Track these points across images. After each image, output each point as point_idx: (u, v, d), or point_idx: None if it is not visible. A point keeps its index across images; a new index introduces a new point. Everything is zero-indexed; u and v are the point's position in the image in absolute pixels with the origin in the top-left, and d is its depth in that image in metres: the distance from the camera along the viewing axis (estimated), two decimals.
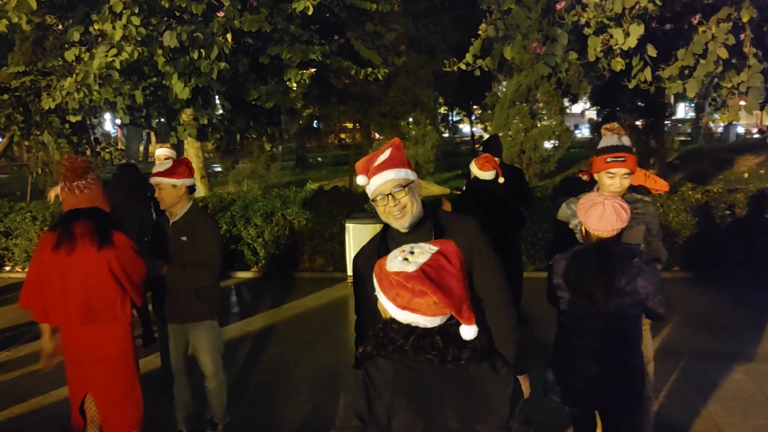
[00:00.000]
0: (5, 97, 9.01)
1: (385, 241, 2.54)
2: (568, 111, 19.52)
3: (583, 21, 6.49)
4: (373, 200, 2.47)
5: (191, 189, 4.10)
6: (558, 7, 6.56)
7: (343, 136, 31.72)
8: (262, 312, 7.48)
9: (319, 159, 31.94)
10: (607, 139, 3.49)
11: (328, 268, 9.16)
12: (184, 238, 3.99)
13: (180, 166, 4.01)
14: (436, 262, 1.72)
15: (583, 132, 37.49)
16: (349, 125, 21.06)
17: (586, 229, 3.04)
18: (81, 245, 3.44)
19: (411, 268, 1.71)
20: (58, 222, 3.58)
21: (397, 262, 1.75)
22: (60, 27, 8.24)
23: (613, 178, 3.40)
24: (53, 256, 3.45)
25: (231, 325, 7.03)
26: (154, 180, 3.97)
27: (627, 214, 2.93)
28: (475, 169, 5.90)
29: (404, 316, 1.73)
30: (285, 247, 9.25)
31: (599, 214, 2.93)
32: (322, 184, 11.93)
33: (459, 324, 1.73)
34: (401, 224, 2.42)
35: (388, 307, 1.76)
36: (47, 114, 9.16)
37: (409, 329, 1.74)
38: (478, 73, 7.04)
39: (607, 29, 6.43)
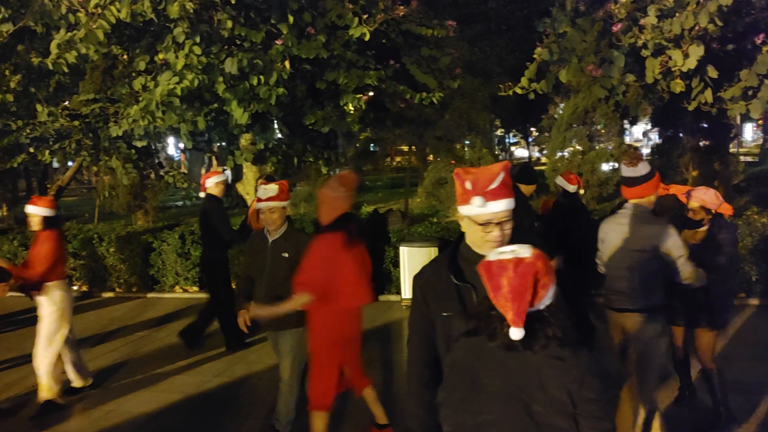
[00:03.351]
0: (76, 123, 9.38)
1: (456, 261, 2.41)
2: (627, 133, 19.14)
3: (640, 43, 6.37)
4: (476, 223, 2.30)
5: None
6: (614, 29, 6.45)
7: (398, 158, 31.82)
8: None
9: (379, 183, 31.92)
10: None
11: (382, 291, 9.17)
12: (285, 255, 4.41)
13: (284, 189, 4.49)
14: (530, 268, 1.96)
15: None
16: (405, 148, 21.15)
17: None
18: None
19: (525, 254, 1.98)
20: None
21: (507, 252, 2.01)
22: (125, 57, 8.58)
23: None
24: None
25: None
26: (265, 205, 4.41)
27: (719, 199, 4.42)
28: (564, 183, 6.23)
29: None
30: None
31: (703, 192, 4.43)
32: (377, 207, 12.00)
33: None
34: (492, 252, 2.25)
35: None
36: (115, 140, 9.51)
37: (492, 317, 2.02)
38: (532, 96, 6.99)
39: (665, 51, 6.31)
